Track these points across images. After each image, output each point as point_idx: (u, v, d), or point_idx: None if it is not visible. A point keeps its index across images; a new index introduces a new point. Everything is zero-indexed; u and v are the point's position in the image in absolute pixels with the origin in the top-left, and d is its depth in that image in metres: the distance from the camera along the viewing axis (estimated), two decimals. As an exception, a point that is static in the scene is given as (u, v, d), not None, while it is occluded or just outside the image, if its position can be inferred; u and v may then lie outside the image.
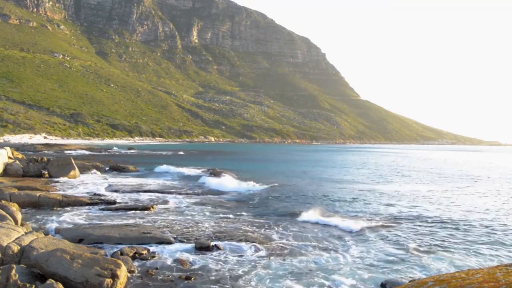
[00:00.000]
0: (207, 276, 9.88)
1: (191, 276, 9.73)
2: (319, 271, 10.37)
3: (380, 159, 77.06)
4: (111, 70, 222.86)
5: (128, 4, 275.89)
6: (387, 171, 45.72)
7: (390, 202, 22.17)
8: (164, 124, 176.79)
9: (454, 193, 26.95)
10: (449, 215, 18.14)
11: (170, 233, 13.59)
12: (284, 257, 11.51)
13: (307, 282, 9.61)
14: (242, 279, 9.72)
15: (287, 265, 10.77)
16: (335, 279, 9.81)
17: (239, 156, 74.83)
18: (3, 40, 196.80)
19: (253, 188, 26.44)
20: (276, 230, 14.78)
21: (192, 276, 9.78)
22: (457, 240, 13.66)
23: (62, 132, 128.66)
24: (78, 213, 16.96)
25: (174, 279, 9.61)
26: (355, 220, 16.48)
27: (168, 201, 20.40)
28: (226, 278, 9.74)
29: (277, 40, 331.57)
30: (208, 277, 9.81)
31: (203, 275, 9.90)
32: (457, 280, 5.33)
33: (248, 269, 10.35)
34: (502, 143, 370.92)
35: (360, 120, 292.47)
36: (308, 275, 10.04)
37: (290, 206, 20.09)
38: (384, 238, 13.75)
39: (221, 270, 10.31)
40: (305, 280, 9.73)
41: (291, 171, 43.56)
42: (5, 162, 27.86)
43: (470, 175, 42.04)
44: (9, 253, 9.46)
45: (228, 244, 12.54)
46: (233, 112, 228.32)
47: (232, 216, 17.25)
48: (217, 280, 9.63)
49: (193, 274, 9.91)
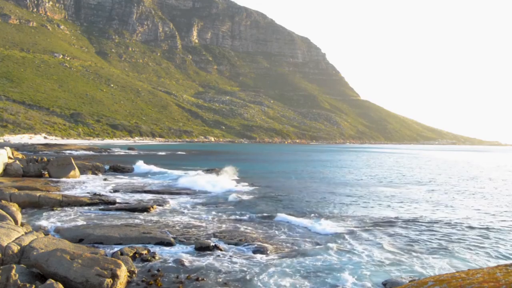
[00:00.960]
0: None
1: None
2: (316, 271, 10.36)
3: (389, 160, 74.99)
4: (111, 70, 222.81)
5: (128, 4, 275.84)
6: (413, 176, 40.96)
7: (389, 203, 22.16)
8: (164, 124, 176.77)
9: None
10: (449, 215, 18.14)
11: (170, 233, 13.61)
12: (282, 258, 11.51)
13: (306, 281, 9.61)
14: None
15: (283, 265, 10.76)
16: (334, 279, 9.80)
17: (238, 157, 74.80)
18: (3, 40, 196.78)
19: (235, 189, 25.57)
20: (254, 229, 14.77)
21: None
22: (457, 240, 13.66)
23: (62, 132, 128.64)
24: (78, 213, 16.96)
25: (174, 279, 9.62)
26: (337, 223, 16.43)
27: (168, 202, 20.41)
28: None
29: (277, 40, 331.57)
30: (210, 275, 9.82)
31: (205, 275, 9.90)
32: (457, 280, 5.34)
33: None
34: (502, 143, 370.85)
35: (360, 120, 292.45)
36: (306, 276, 10.03)
37: (270, 206, 19.95)
38: (385, 238, 13.75)
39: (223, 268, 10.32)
40: (304, 279, 9.73)
41: (287, 172, 43.54)
42: (5, 162, 27.85)
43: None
44: (9, 253, 9.46)
45: (230, 247, 12.54)
46: (233, 112, 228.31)
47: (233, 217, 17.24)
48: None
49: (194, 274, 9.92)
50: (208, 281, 9.55)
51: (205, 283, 9.41)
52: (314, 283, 9.56)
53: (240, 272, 10.16)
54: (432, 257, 11.61)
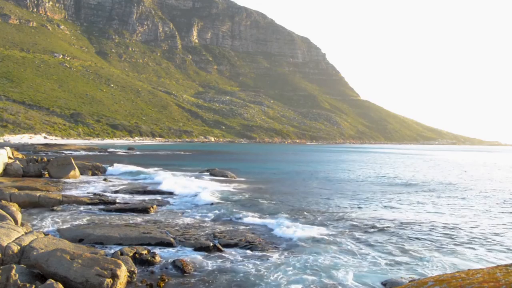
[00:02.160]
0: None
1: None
2: (315, 270, 10.36)
3: (399, 162, 67.45)
4: (111, 70, 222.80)
5: (128, 4, 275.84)
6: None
7: (389, 204, 22.16)
8: (164, 124, 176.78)
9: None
10: (450, 216, 18.14)
11: (170, 234, 13.60)
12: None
13: (306, 281, 9.61)
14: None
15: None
16: (333, 278, 9.80)
17: (237, 157, 74.82)
18: (3, 40, 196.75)
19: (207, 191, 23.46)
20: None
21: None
22: (457, 240, 13.66)
23: (62, 132, 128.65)
24: (78, 213, 16.96)
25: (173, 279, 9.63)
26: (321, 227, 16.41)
27: (169, 202, 20.41)
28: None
29: (277, 40, 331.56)
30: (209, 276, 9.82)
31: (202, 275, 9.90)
32: (457, 280, 5.33)
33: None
34: (502, 143, 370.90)
35: (360, 120, 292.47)
36: (303, 274, 10.03)
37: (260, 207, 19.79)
38: (384, 238, 13.75)
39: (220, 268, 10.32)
40: (303, 279, 9.73)
41: (275, 172, 43.54)
42: (5, 162, 27.84)
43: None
44: (9, 253, 9.46)
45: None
46: (233, 112, 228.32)
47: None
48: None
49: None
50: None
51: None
52: (312, 282, 9.55)
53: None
54: (432, 257, 11.60)
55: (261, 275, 9.95)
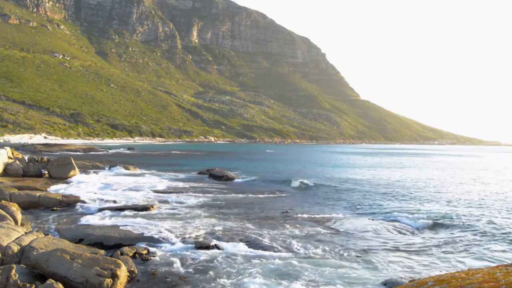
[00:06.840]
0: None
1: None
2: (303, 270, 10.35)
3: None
4: (111, 70, 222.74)
5: (128, 4, 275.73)
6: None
7: (388, 203, 22.15)
8: (164, 124, 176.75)
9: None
10: (450, 215, 18.14)
11: (169, 233, 13.60)
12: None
13: (305, 281, 9.61)
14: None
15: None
16: (333, 279, 9.80)
17: (235, 156, 74.83)
18: (3, 40, 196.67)
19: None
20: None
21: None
22: (457, 240, 13.65)
23: (62, 132, 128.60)
24: (78, 213, 16.95)
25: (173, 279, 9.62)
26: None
27: (168, 201, 20.42)
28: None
29: (277, 40, 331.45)
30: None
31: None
32: (457, 280, 5.34)
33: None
34: (502, 143, 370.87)
35: (360, 120, 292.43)
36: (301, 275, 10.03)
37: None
38: (385, 238, 13.75)
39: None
40: (302, 279, 9.73)
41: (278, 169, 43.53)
42: (5, 162, 27.85)
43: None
44: (9, 253, 9.46)
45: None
46: (233, 112, 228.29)
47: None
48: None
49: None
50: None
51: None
52: (310, 281, 9.56)
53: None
54: (432, 257, 11.60)
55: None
